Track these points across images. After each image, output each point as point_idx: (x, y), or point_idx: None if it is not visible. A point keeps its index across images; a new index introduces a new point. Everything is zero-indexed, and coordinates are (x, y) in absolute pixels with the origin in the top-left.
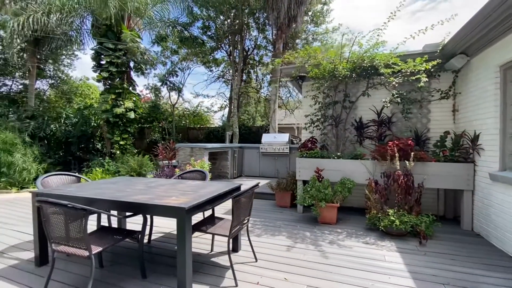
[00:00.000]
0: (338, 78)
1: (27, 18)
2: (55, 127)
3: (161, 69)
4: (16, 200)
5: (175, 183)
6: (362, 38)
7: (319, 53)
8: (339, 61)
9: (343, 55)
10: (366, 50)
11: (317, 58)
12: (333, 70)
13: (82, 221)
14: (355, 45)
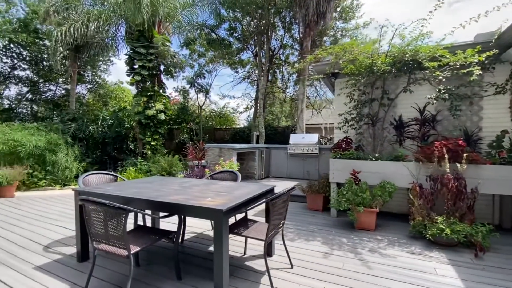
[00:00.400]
0: (376, 74)
1: (68, 27)
2: (93, 129)
3: (189, 72)
4: (59, 197)
5: (208, 184)
6: (404, 30)
7: (355, 48)
8: (377, 56)
9: (380, 49)
10: (408, 42)
11: (354, 53)
12: (371, 65)
13: (122, 221)
14: (395, 38)
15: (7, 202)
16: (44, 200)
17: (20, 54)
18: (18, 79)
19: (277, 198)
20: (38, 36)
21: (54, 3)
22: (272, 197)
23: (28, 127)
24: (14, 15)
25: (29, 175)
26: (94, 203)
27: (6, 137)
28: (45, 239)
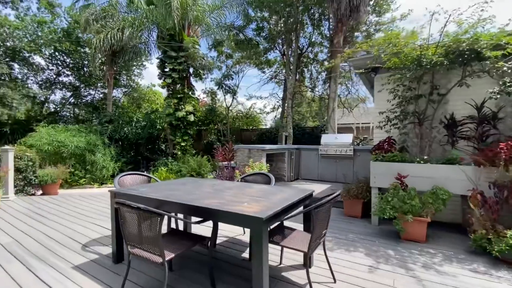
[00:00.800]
0: (425, 67)
1: (106, 34)
2: (127, 130)
3: (217, 74)
4: (97, 195)
5: (242, 187)
6: (459, 16)
7: (400, 39)
8: (426, 47)
9: (430, 39)
10: (466, 29)
11: (398, 44)
12: (419, 58)
13: (157, 226)
14: (448, 25)
15: (51, 199)
16: (84, 198)
17: (64, 61)
18: (62, 84)
19: (321, 206)
20: (79, 44)
21: (93, 12)
22: (317, 204)
23: (70, 128)
24: (58, 25)
25: (71, 174)
26: (129, 207)
27: (51, 138)
28: (83, 237)
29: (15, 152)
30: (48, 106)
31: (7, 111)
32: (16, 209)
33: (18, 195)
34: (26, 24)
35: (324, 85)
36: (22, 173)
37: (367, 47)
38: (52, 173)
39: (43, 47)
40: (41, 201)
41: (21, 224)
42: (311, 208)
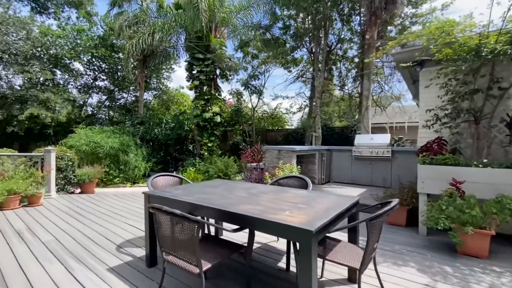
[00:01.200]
0: (485, 57)
1: (138, 39)
2: (157, 131)
3: (243, 74)
4: (130, 195)
5: (278, 191)
6: None
7: (455, 26)
8: (486, 35)
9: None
10: None
11: (452, 33)
12: (478, 47)
13: (194, 234)
14: None
15: (88, 198)
16: (117, 197)
17: (100, 66)
18: (98, 88)
19: (379, 217)
20: (113, 49)
21: (126, 19)
22: (373, 216)
23: (105, 130)
24: (95, 32)
25: (106, 173)
26: (166, 213)
27: (88, 139)
28: (117, 237)
29: (57, 152)
30: (86, 109)
31: (50, 114)
32: (57, 207)
33: (59, 193)
34: (67, 33)
35: (354, 83)
36: (63, 172)
37: (414, 38)
38: (89, 172)
39: (82, 54)
40: (79, 200)
41: (61, 222)
42: (370, 219)
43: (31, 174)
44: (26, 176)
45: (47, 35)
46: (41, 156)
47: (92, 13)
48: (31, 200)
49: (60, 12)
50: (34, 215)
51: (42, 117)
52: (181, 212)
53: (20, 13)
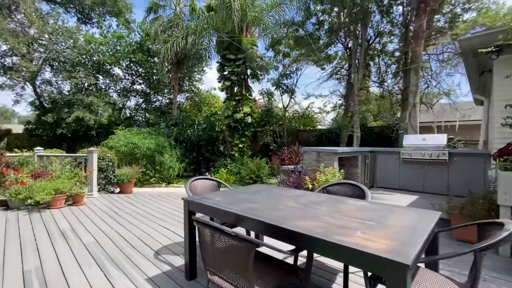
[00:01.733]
0: None
1: (172, 43)
2: (190, 132)
3: (274, 74)
4: (165, 195)
5: (333, 202)
6: None
7: None
8: None
9: None
10: None
11: None
12: None
13: (248, 256)
14: None
15: (126, 198)
16: (153, 197)
17: (137, 71)
18: (136, 92)
19: (494, 245)
20: (149, 54)
21: (161, 24)
22: (487, 244)
23: (142, 131)
24: (133, 38)
25: (143, 173)
26: (214, 229)
27: (127, 140)
28: (155, 243)
29: (98, 153)
30: (125, 111)
31: (93, 117)
32: (98, 207)
33: (100, 192)
34: (108, 40)
35: (395, 78)
36: (104, 172)
37: (491, 20)
38: (128, 173)
39: (121, 60)
40: (118, 199)
41: (101, 223)
42: (482, 248)
43: (75, 174)
44: (71, 176)
45: (91, 43)
46: (85, 156)
47: (130, 20)
48: (75, 199)
49: (102, 21)
50: (78, 214)
51: (86, 119)
52: (235, 231)
53: (68, 23)
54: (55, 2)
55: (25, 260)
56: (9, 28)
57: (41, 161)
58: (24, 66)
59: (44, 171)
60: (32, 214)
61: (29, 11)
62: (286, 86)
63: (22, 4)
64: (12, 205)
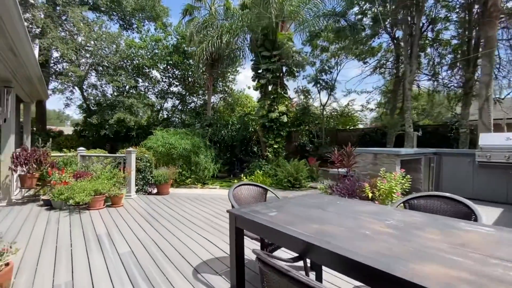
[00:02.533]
0: None
1: (207, 43)
2: (224, 133)
3: (310, 71)
4: (202, 198)
5: (437, 225)
6: None
7: None
8: None
9: None
10: None
11: None
12: None
13: None
14: None
15: (163, 200)
16: (190, 200)
17: (173, 73)
18: (172, 94)
19: None
20: (185, 56)
21: (196, 24)
22: None
23: (178, 132)
24: (170, 41)
25: (179, 174)
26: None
27: (164, 141)
28: (194, 257)
29: (136, 154)
30: (162, 113)
31: (133, 118)
32: (136, 209)
33: (138, 193)
34: (146, 44)
35: (451, 70)
36: (142, 173)
37: None
38: (165, 173)
39: (159, 62)
40: (156, 202)
41: (138, 228)
42: None
43: (114, 175)
44: (110, 177)
45: (131, 47)
46: (123, 157)
47: (167, 24)
48: (114, 200)
49: (141, 26)
50: (115, 217)
51: (127, 120)
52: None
53: (111, 29)
54: (100, 11)
55: (57, 271)
56: (60, 36)
57: (84, 161)
58: (72, 71)
59: (86, 171)
60: (72, 215)
61: (77, 20)
62: (326, 82)
63: (70, 13)
64: (55, 205)
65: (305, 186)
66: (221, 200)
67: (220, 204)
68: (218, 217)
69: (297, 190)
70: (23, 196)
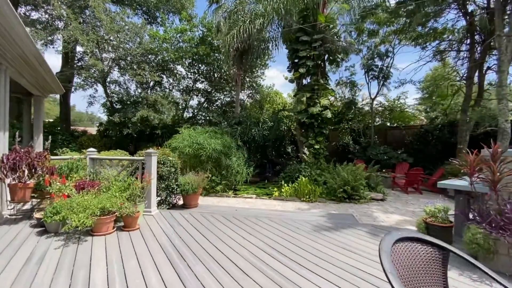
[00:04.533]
0: None
1: (238, 29)
2: (255, 132)
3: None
4: (242, 213)
5: None
6: None
7: None
8: None
9: None
10: None
11: None
12: None
13: None
14: None
15: (192, 219)
16: (228, 220)
17: (199, 69)
18: (198, 91)
19: None
20: (211, 48)
21: (225, 10)
22: None
23: (207, 130)
24: (195, 32)
25: (209, 179)
26: None
27: (192, 140)
28: None
29: (158, 156)
30: (188, 111)
31: (158, 116)
32: (156, 236)
33: (161, 207)
34: (170, 35)
35: None
36: (165, 181)
37: None
38: (193, 181)
39: (184, 57)
40: (184, 222)
41: (155, 276)
42: None
43: (128, 185)
44: (124, 187)
45: (155, 39)
46: (141, 160)
47: (192, 15)
48: (127, 222)
49: (166, 18)
50: (125, 251)
51: (151, 118)
52: None
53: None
54: (123, 4)
55: None
56: (81, 27)
57: (94, 165)
58: (93, 64)
59: (92, 180)
60: (66, 247)
61: (98, 9)
62: (381, 69)
63: (91, 2)
64: (49, 228)
65: (365, 197)
66: (276, 220)
67: (279, 228)
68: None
69: (356, 203)
70: (17, 211)
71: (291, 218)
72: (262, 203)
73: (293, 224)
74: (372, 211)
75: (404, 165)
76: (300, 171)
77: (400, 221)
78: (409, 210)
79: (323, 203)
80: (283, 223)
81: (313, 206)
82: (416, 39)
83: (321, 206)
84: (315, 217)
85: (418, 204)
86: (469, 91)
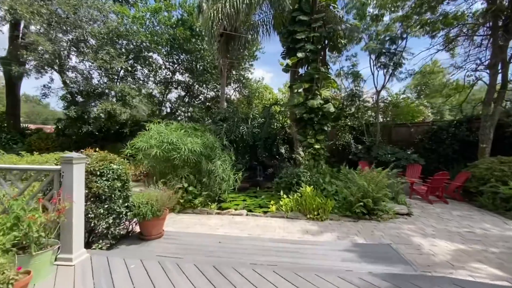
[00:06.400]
0: None
1: (223, 2)
2: (243, 129)
3: (354, 50)
4: (228, 250)
5: None
6: None
7: None
8: None
9: None
10: None
11: None
12: None
13: None
14: None
15: (139, 275)
16: (198, 270)
17: (178, 58)
18: (177, 83)
19: None
20: (192, 34)
21: None
22: None
23: (184, 127)
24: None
25: (184, 190)
26: None
27: (161, 138)
28: None
29: (90, 164)
30: (165, 106)
31: (125, 110)
32: None
33: (98, 244)
34: (142, 15)
35: None
36: (104, 202)
37: None
38: (155, 199)
39: (160, 43)
40: (121, 283)
41: None
42: None
43: (15, 219)
44: (10, 224)
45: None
46: (59, 171)
47: None
48: None
49: None
50: None
51: (117, 113)
52: None
53: None
54: None
55: None
56: None
57: None
58: (36, 42)
59: None
60: None
61: None
62: (393, 54)
63: None
64: None
65: (388, 211)
66: (289, 277)
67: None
68: None
69: (379, 221)
70: None
71: (313, 266)
72: (256, 224)
73: (322, 286)
74: (407, 234)
75: (416, 167)
76: (299, 176)
77: (455, 254)
78: (452, 231)
79: (336, 221)
80: (302, 286)
81: (325, 227)
82: (425, 25)
83: (335, 227)
84: (343, 254)
85: (455, 219)
86: (493, 81)
